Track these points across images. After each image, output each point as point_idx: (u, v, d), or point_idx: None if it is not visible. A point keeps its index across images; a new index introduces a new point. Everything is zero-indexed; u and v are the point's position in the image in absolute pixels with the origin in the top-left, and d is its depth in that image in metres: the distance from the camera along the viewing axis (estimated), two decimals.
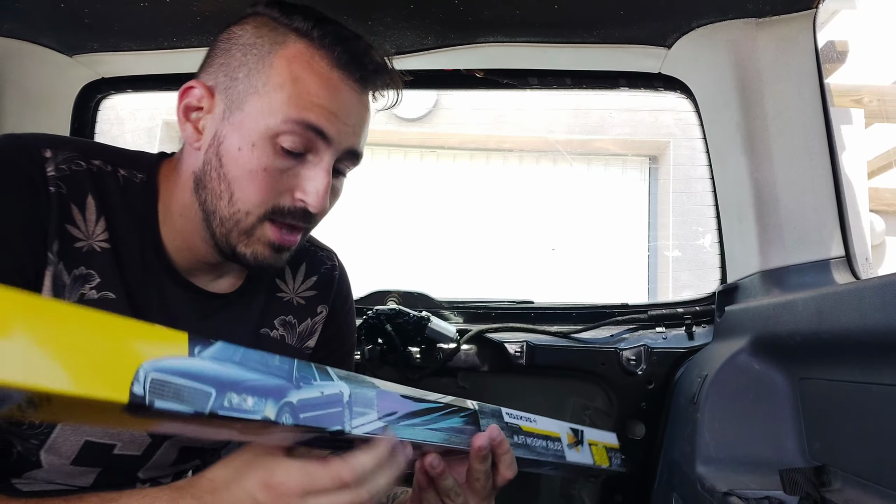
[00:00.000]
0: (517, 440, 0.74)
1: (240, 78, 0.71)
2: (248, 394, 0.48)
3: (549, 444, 0.79)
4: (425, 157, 4.91)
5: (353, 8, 1.09)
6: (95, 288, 0.70)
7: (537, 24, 1.14)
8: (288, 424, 0.50)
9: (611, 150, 4.75)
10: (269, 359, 0.52)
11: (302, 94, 0.70)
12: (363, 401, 0.57)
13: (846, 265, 1.07)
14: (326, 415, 0.53)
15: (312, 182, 0.72)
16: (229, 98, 0.72)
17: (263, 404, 0.49)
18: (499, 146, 4.79)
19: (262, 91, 0.70)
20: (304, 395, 0.52)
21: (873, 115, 2.96)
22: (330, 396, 0.54)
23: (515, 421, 0.76)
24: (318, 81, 0.71)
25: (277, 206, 0.72)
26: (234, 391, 0.47)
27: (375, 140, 4.74)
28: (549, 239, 4.46)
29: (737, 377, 1.01)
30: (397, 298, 1.50)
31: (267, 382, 0.50)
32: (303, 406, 0.52)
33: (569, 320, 1.46)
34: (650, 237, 4.60)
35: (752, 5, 1.06)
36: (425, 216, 4.59)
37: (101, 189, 0.72)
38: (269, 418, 0.49)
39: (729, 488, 0.88)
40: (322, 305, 0.92)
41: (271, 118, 0.69)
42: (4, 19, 1.23)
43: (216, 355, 0.48)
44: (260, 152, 0.70)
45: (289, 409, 0.50)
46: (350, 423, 0.55)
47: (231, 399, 0.47)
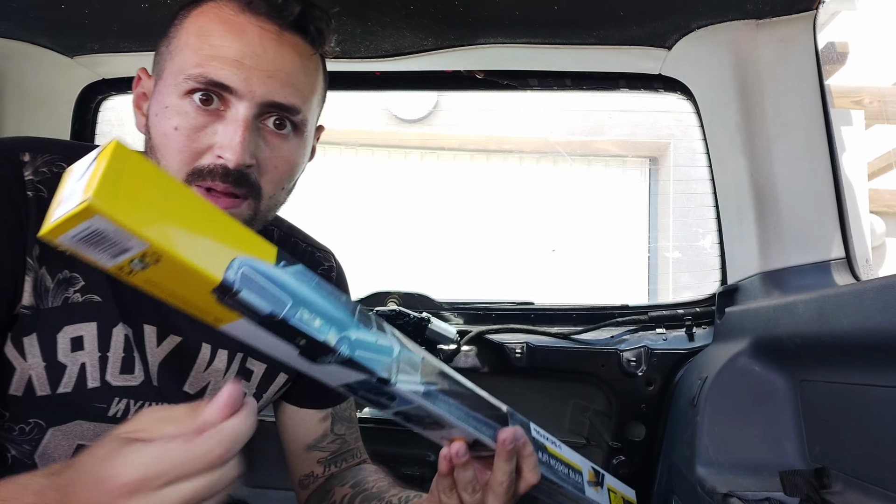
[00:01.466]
0: (541, 457, 0.72)
1: (161, 51, 0.73)
2: (317, 315, 0.51)
3: (570, 472, 0.78)
4: (425, 158, 4.91)
5: (352, 8, 1.09)
6: (80, 291, 0.69)
7: (537, 25, 1.14)
8: (343, 356, 0.53)
9: (611, 151, 4.75)
10: (339, 294, 0.55)
11: (203, 46, 0.68)
12: (409, 362, 0.59)
13: (846, 267, 1.07)
14: (377, 360, 0.55)
15: (225, 134, 0.67)
16: (157, 73, 0.73)
17: (328, 329, 0.52)
18: (499, 147, 4.80)
19: (174, 54, 0.70)
20: (361, 335, 0.55)
21: (873, 116, 2.96)
22: (382, 346, 0.57)
23: (542, 439, 0.76)
24: (222, 29, 0.68)
25: (199, 166, 0.68)
26: (307, 308, 0.50)
27: (375, 141, 4.74)
28: (549, 240, 4.46)
29: (737, 379, 1.01)
30: (397, 299, 1.50)
31: (334, 312, 0.53)
32: (359, 344, 0.54)
33: (569, 321, 1.46)
34: (650, 238, 4.60)
35: (753, 6, 1.06)
36: (425, 217, 4.59)
37: None
38: (329, 343, 0.51)
39: (729, 490, 0.88)
40: None
41: (177, 77, 0.68)
42: (4, 20, 1.23)
43: (297, 274, 0.51)
44: (171, 112, 0.68)
45: (347, 342, 0.53)
46: (397, 376, 0.57)
47: (303, 314, 0.50)
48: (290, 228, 0.96)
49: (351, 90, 1.44)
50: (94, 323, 0.69)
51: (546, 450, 0.75)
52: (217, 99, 0.68)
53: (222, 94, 0.68)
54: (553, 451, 0.76)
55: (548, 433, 0.77)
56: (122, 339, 0.71)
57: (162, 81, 0.70)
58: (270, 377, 0.87)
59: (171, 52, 0.71)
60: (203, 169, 0.68)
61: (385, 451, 1.54)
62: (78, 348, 0.69)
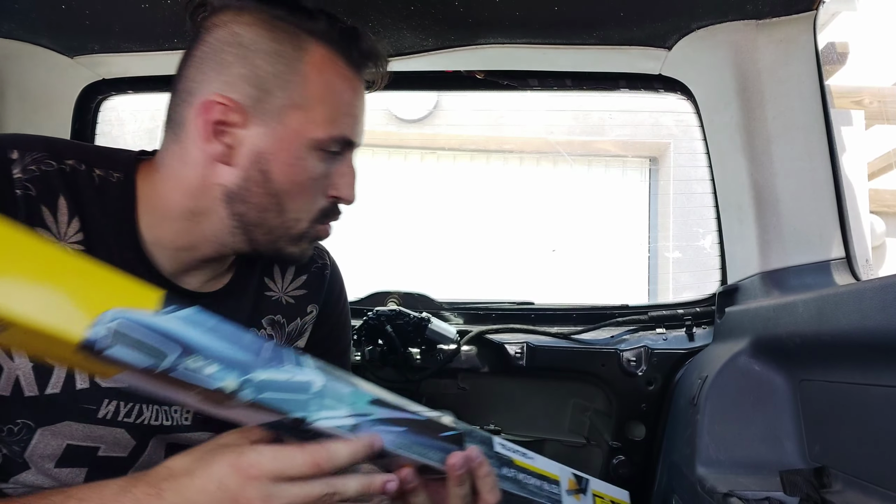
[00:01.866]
0: (506, 472, 0.70)
1: (273, 91, 0.70)
2: (211, 361, 0.49)
3: (544, 484, 0.75)
4: (426, 159, 4.91)
5: (353, 9, 1.09)
6: None
7: (537, 26, 1.14)
8: (246, 400, 0.50)
9: (611, 151, 4.75)
10: (242, 334, 0.52)
11: (340, 105, 0.74)
12: (336, 395, 0.57)
13: (846, 266, 1.07)
14: (289, 399, 0.53)
15: (347, 180, 0.77)
16: (265, 112, 0.70)
17: (225, 374, 0.49)
18: (499, 147, 4.80)
19: (301, 104, 0.71)
20: (270, 375, 0.53)
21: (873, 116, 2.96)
22: (298, 383, 0.54)
23: (508, 453, 0.72)
24: (348, 88, 0.74)
25: (325, 208, 0.77)
26: (199, 354, 0.48)
27: (376, 141, 4.74)
28: (549, 240, 4.46)
29: (737, 378, 1.01)
30: (397, 299, 1.50)
31: (234, 355, 0.50)
32: (266, 386, 0.52)
33: (569, 321, 1.46)
34: (650, 238, 4.60)
35: (753, 7, 1.06)
36: (426, 217, 4.59)
37: (74, 189, 0.70)
38: (227, 389, 0.49)
39: (729, 490, 0.88)
40: (312, 305, 0.90)
41: (317, 132, 0.72)
42: (5, 20, 1.23)
43: (188, 318, 0.49)
44: (307, 164, 0.73)
45: (251, 385, 0.51)
46: (315, 413, 0.55)
47: (192, 363, 0.48)
48: None
49: None
50: None
51: (513, 464, 0.72)
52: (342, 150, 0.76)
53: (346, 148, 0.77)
54: (522, 464, 0.73)
55: (517, 446, 0.74)
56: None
57: (284, 128, 0.71)
58: None
59: (293, 101, 0.71)
60: (328, 210, 0.78)
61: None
62: None
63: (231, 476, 0.55)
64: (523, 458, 0.74)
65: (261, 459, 0.55)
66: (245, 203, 0.72)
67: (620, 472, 1.33)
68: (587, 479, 0.82)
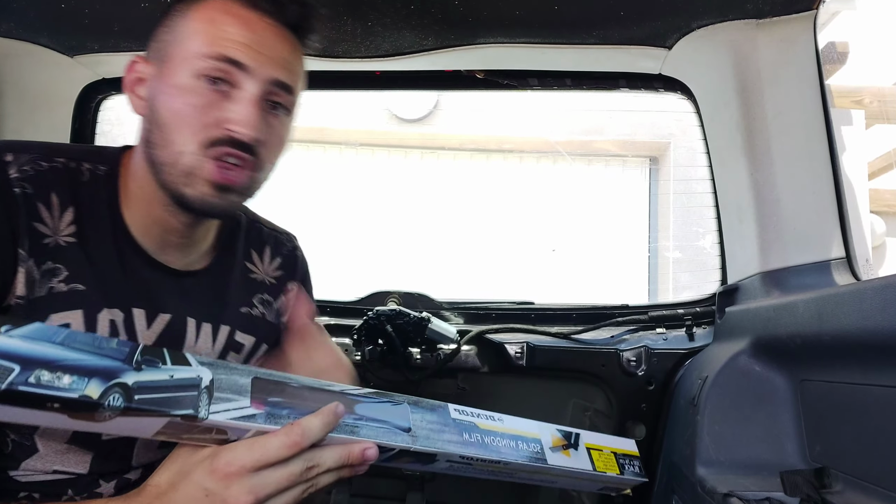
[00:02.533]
0: (468, 437, 0.68)
1: (164, 38, 0.77)
2: (64, 372, 0.47)
3: (520, 444, 0.72)
4: (425, 158, 4.91)
5: (353, 8, 1.09)
6: (64, 281, 0.72)
7: (537, 25, 1.14)
8: (118, 406, 0.49)
9: (611, 150, 4.74)
10: (104, 341, 0.51)
11: (217, 32, 0.74)
12: (232, 387, 0.55)
13: (847, 266, 1.07)
14: (174, 398, 0.51)
15: (237, 108, 0.74)
16: (159, 57, 0.77)
17: (84, 383, 0.47)
18: (499, 147, 4.79)
19: (182, 40, 0.75)
20: (145, 377, 0.51)
21: (874, 116, 2.96)
22: (182, 380, 0.53)
23: (467, 418, 0.70)
24: (233, 20, 0.75)
25: (209, 138, 0.73)
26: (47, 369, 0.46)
27: (376, 140, 4.74)
28: (549, 240, 4.46)
29: (737, 378, 1.01)
30: (398, 299, 1.50)
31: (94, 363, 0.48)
32: (141, 388, 0.50)
33: (569, 321, 1.46)
34: (650, 238, 4.59)
35: (753, 6, 1.06)
36: (426, 217, 4.59)
37: (65, 184, 0.75)
38: (89, 398, 0.47)
39: (729, 490, 0.88)
40: (291, 283, 0.97)
41: (190, 58, 0.73)
42: (4, 20, 1.23)
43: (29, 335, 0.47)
44: (184, 90, 0.73)
45: (121, 390, 0.49)
46: (207, 408, 0.53)
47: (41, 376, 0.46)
48: (254, 215, 1.01)
49: (351, 90, 1.44)
50: (79, 310, 0.73)
51: (477, 427, 0.70)
52: (224, 82, 0.74)
53: (232, 75, 0.74)
54: (488, 427, 0.71)
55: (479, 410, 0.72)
56: (108, 323, 0.75)
57: (168, 64, 0.75)
58: (258, 347, 0.92)
59: (177, 38, 0.75)
60: (217, 139, 0.73)
61: None
62: None
63: (212, 480, 0.56)
64: (489, 421, 0.72)
65: (236, 456, 0.56)
66: (149, 145, 0.75)
67: None
68: (577, 433, 0.79)
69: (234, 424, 0.55)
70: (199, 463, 0.57)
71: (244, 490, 0.55)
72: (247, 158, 0.75)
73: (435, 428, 0.67)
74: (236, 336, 0.88)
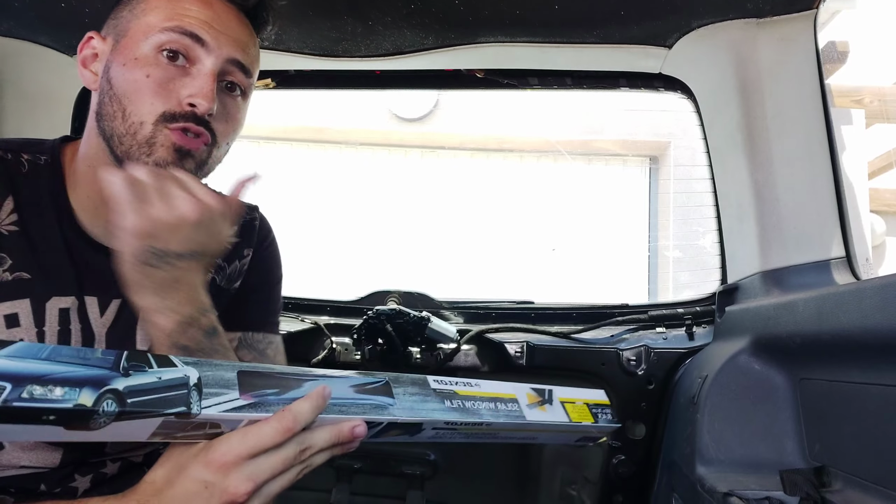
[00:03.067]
0: (450, 404, 0.71)
1: (123, 15, 0.78)
2: (55, 384, 0.48)
3: (499, 405, 0.76)
4: (425, 157, 4.91)
5: (353, 7, 1.09)
6: (8, 270, 0.72)
7: (537, 24, 1.14)
8: (112, 411, 0.50)
9: (611, 150, 4.74)
10: (89, 352, 0.52)
11: (177, 7, 0.76)
12: (219, 382, 0.57)
13: (846, 266, 1.07)
14: (164, 398, 0.53)
15: (196, 82, 0.75)
16: (116, 33, 0.77)
17: (76, 393, 0.49)
18: (499, 146, 4.79)
19: (140, 15, 0.76)
20: (134, 381, 0.53)
21: (874, 115, 2.96)
22: (170, 380, 0.54)
23: (446, 387, 0.73)
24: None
25: (168, 110, 0.74)
26: (38, 383, 0.47)
27: (376, 140, 4.74)
28: (549, 239, 4.46)
29: (737, 378, 1.01)
30: (397, 298, 1.50)
31: (82, 373, 0.50)
32: (132, 392, 0.52)
33: (569, 320, 1.46)
34: (650, 237, 4.59)
35: (753, 5, 1.06)
36: (426, 216, 4.59)
37: (4, 175, 0.75)
38: (84, 406, 0.49)
39: (729, 489, 0.88)
40: (247, 249, 0.96)
41: (149, 31, 0.75)
42: (4, 19, 1.23)
43: (15, 353, 0.48)
44: (142, 62, 0.74)
45: (113, 395, 0.51)
46: (199, 404, 0.55)
47: (33, 391, 0.47)
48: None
49: (351, 89, 1.44)
50: (26, 300, 0.72)
51: (457, 395, 0.73)
52: (183, 57, 0.75)
53: (191, 50, 0.75)
54: (467, 392, 0.74)
55: (456, 378, 0.76)
56: (58, 312, 0.74)
57: (127, 39, 0.76)
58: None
59: (136, 14, 0.76)
60: (175, 113, 0.74)
61: (385, 450, 1.54)
62: (14, 325, 0.72)
63: (210, 471, 0.56)
64: (467, 388, 0.75)
65: (231, 446, 0.57)
66: (102, 118, 0.75)
67: (620, 472, 1.33)
68: (550, 389, 0.83)
69: (227, 416, 0.56)
70: (195, 457, 0.57)
71: (243, 478, 0.56)
72: (203, 132, 0.76)
73: (417, 399, 0.70)
74: None
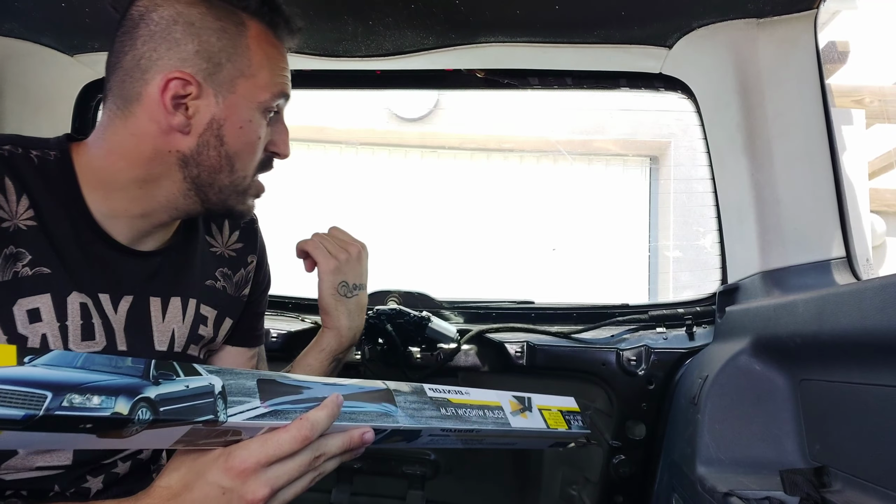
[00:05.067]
0: (445, 412, 0.75)
1: (223, 63, 0.78)
2: (93, 393, 0.49)
3: (487, 413, 0.80)
4: (426, 157, 4.91)
5: (354, 8, 1.09)
6: (28, 265, 0.72)
7: (538, 25, 1.14)
8: (146, 419, 0.51)
9: (611, 150, 4.74)
10: (119, 360, 0.53)
11: (276, 69, 0.82)
12: (241, 391, 0.59)
13: (847, 266, 1.07)
14: (193, 406, 0.55)
15: (283, 136, 0.87)
16: (217, 83, 0.78)
17: (113, 401, 0.50)
18: (499, 146, 4.79)
19: (247, 73, 0.79)
20: (164, 390, 0.54)
21: (874, 115, 2.96)
22: (197, 389, 0.56)
23: (441, 395, 0.77)
24: (279, 54, 0.83)
25: (261, 161, 0.85)
26: (76, 392, 0.48)
27: (376, 140, 4.74)
28: (549, 239, 4.46)
29: (737, 378, 1.01)
30: (398, 298, 1.50)
31: (117, 381, 0.51)
32: (163, 400, 0.53)
33: (569, 320, 1.46)
34: (651, 237, 4.60)
35: (753, 6, 1.06)
36: (426, 216, 4.59)
37: (17, 170, 0.74)
38: (120, 414, 0.50)
39: (729, 489, 0.88)
40: (251, 255, 1.00)
41: (262, 95, 0.80)
42: (5, 19, 1.23)
43: (51, 362, 0.49)
44: (256, 125, 0.81)
45: (146, 404, 0.52)
46: (225, 412, 0.56)
47: (72, 399, 0.48)
48: None
49: (351, 89, 1.45)
50: (47, 294, 0.73)
51: (450, 402, 0.76)
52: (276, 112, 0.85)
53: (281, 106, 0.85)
54: (459, 401, 0.78)
55: (448, 387, 0.79)
56: (79, 306, 0.75)
57: (235, 96, 0.79)
58: (221, 320, 0.94)
59: (241, 71, 0.79)
60: (265, 162, 0.86)
61: (385, 450, 1.55)
62: (36, 320, 0.72)
63: (228, 477, 0.57)
64: (458, 396, 0.79)
65: (251, 453, 0.58)
66: (199, 166, 0.79)
67: (621, 472, 1.33)
68: (528, 397, 0.87)
69: (250, 424, 0.58)
70: (213, 462, 0.59)
71: (260, 484, 0.58)
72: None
73: (417, 407, 0.73)
74: (201, 309, 0.91)
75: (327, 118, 4.57)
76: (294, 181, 4.18)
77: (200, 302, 0.91)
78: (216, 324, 0.93)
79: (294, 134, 0.89)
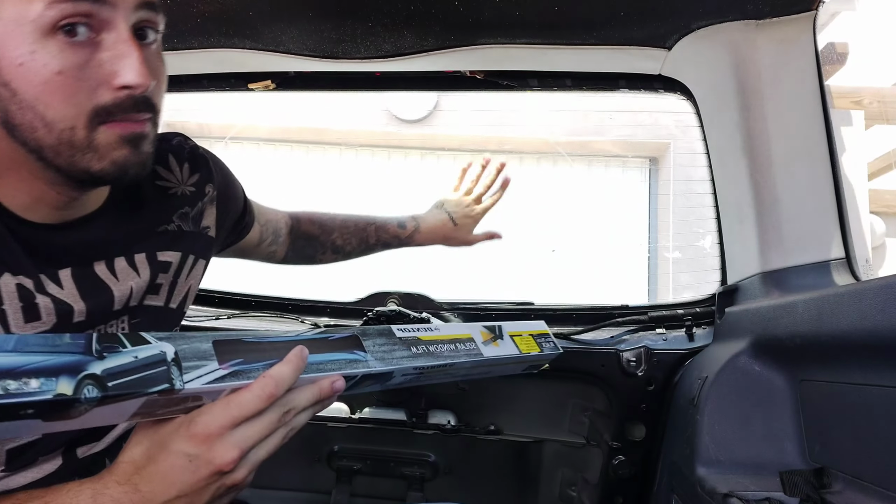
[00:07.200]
0: (416, 350, 0.73)
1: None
2: (29, 376, 0.46)
3: (458, 346, 0.79)
4: (426, 159, 4.91)
5: (353, 9, 1.09)
6: None
7: (537, 26, 1.14)
8: (95, 396, 0.49)
9: (611, 151, 4.75)
10: (57, 338, 0.50)
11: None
12: (196, 354, 0.56)
13: (846, 267, 1.07)
14: (145, 377, 0.52)
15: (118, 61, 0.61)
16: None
17: (54, 383, 0.47)
18: (499, 148, 4.80)
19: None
20: (111, 364, 0.51)
21: (873, 116, 2.96)
22: (148, 358, 0.53)
23: (410, 334, 0.76)
24: None
25: (98, 105, 0.62)
26: (10, 378, 0.45)
27: (376, 141, 4.74)
28: (549, 240, 4.46)
29: (737, 379, 1.01)
30: (398, 300, 1.50)
31: (56, 361, 0.48)
32: (110, 374, 0.50)
33: (569, 321, 1.46)
34: (650, 238, 4.60)
35: (752, 7, 1.06)
36: None
37: None
38: (64, 395, 0.47)
39: (729, 490, 0.88)
40: (209, 185, 0.89)
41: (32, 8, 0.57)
42: None
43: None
44: (44, 55, 0.59)
45: (92, 380, 0.49)
46: (180, 378, 0.54)
47: (7, 386, 0.45)
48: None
49: (351, 90, 1.45)
50: None
51: (420, 340, 0.75)
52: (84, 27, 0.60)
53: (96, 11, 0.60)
54: (429, 338, 0.77)
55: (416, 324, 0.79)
56: (14, 288, 0.66)
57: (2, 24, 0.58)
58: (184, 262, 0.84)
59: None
60: (108, 107, 0.62)
61: (385, 451, 1.55)
62: None
63: (193, 444, 0.55)
64: (428, 333, 0.78)
65: (214, 417, 0.55)
66: (16, 129, 0.62)
67: (620, 473, 1.33)
68: (499, 325, 0.85)
69: (210, 388, 0.56)
70: (175, 431, 0.56)
71: (228, 447, 0.55)
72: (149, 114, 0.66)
73: (386, 349, 0.71)
74: (158, 257, 0.81)
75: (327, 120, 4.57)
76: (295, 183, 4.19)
77: (154, 251, 0.80)
78: (180, 266, 0.83)
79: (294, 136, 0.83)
